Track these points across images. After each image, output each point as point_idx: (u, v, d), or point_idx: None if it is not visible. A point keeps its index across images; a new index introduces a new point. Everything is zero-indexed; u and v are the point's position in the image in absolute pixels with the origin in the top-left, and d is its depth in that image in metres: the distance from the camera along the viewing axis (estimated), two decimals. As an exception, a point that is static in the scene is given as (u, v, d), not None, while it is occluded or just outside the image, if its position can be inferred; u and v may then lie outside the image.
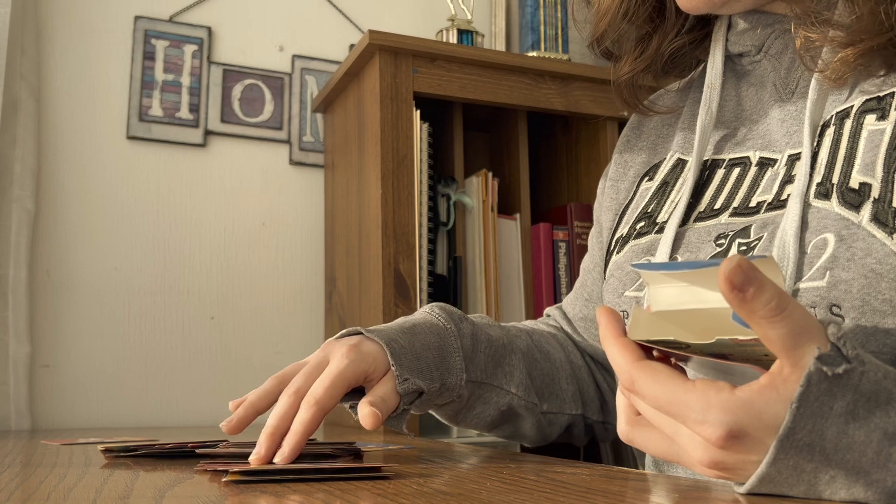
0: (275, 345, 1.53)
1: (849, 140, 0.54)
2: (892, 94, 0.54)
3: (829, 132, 0.56)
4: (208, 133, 1.54)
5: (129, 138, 1.49)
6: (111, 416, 1.41)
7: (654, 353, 0.44)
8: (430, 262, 1.30)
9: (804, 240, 0.52)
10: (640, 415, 0.45)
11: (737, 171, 0.63)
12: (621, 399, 0.47)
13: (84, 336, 1.41)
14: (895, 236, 0.48)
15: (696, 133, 0.67)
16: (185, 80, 1.53)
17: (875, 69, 0.55)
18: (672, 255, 0.62)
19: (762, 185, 0.60)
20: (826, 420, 0.37)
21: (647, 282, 0.45)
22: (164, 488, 0.46)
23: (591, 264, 0.83)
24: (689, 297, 0.42)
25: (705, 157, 0.67)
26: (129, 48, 1.51)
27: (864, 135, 0.54)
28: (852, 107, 0.56)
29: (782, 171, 0.59)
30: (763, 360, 0.40)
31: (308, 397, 0.59)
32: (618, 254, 0.70)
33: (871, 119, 0.54)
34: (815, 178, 0.55)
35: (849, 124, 0.55)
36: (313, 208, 1.60)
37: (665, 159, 0.72)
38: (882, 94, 0.54)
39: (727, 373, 0.44)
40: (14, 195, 1.34)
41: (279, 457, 0.56)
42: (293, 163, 1.60)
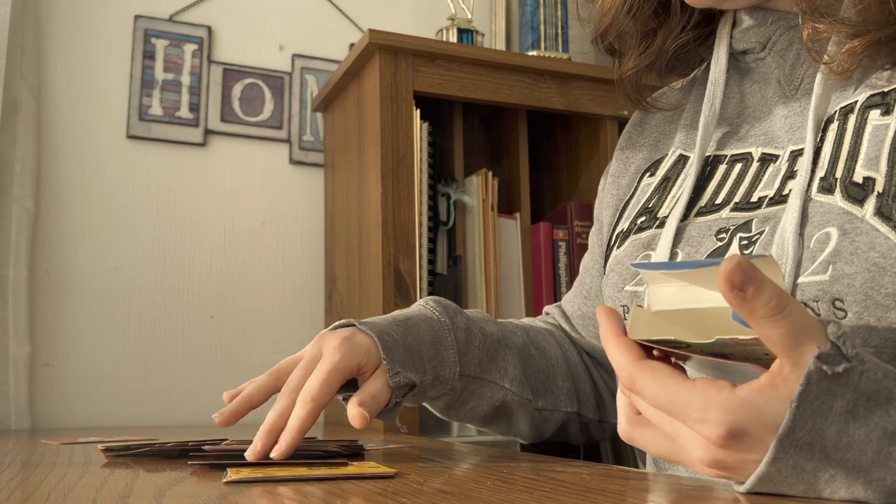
0: (275, 344, 1.53)
1: (853, 135, 0.54)
2: None
3: (833, 127, 0.56)
4: (208, 132, 1.54)
5: (129, 137, 1.49)
6: (111, 415, 1.41)
7: (655, 353, 0.44)
8: (431, 262, 1.30)
9: (807, 234, 0.52)
10: (640, 414, 0.45)
11: (738, 166, 0.63)
12: (622, 398, 0.47)
13: (84, 336, 1.41)
14: None
15: (698, 129, 0.67)
16: (185, 79, 1.53)
17: (881, 62, 0.55)
18: (672, 250, 0.62)
19: (764, 180, 0.60)
20: (826, 419, 0.37)
21: (646, 281, 0.45)
22: (164, 488, 0.46)
23: (590, 262, 0.83)
24: (689, 297, 0.42)
25: (707, 153, 0.67)
26: (129, 47, 1.51)
27: (868, 130, 0.54)
28: (856, 102, 0.56)
29: (784, 167, 0.59)
30: (763, 359, 0.40)
31: (303, 394, 0.59)
32: (618, 248, 0.70)
33: (875, 114, 0.54)
34: (819, 173, 0.55)
35: (853, 119, 0.55)
36: (313, 208, 1.60)
37: (667, 155, 0.72)
38: (887, 90, 0.54)
39: (727, 372, 0.44)
40: (14, 195, 1.34)
41: (275, 452, 0.56)
42: (293, 162, 1.60)
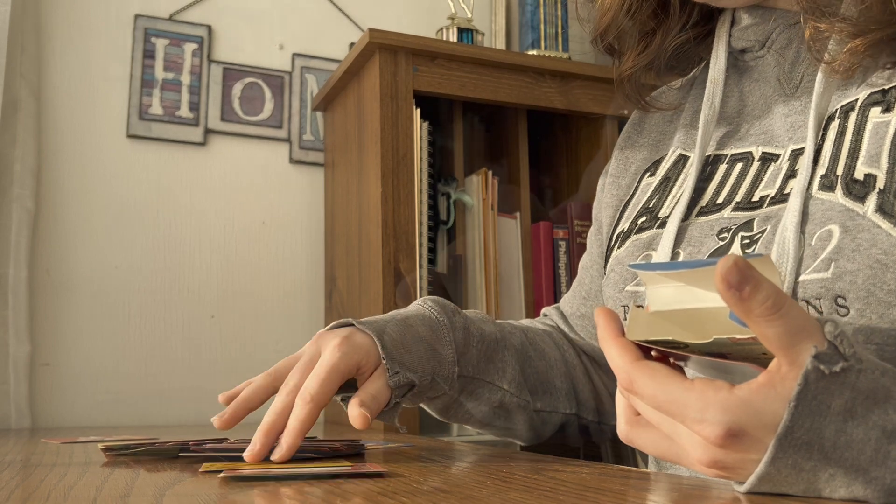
0: (275, 343, 1.53)
1: (853, 133, 0.54)
2: None
3: (834, 125, 0.56)
4: (208, 131, 1.54)
5: (129, 137, 1.49)
6: (111, 414, 1.41)
7: (653, 353, 0.44)
8: (431, 261, 1.30)
9: (808, 231, 0.52)
10: (639, 415, 0.45)
11: (739, 166, 0.63)
12: (620, 399, 0.47)
13: (84, 335, 1.41)
14: None
15: (698, 129, 0.67)
16: (185, 78, 1.53)
17: (883, 60, 0.55)
18: (674, 250, 0.62)
19: (765, 179, 0.60)
20: (824, 419, 0.37)
21: (644, 282, 0.45)
22: (164, 487, 0.46)
23: (589, 262, 0.82)
24: (687, 297, 0.42)
25: (707, 153, 0.67)
26: (129, 47, 1.51)
27: (868, 127, 0.54)
28: (857, 100, 0.56)
29: (785, 166, 0.59)
30: (761, 358, 0.40)
31: (303, 393, 0.59)
32: (619, 249, 0.70)
33: (875, 111, 0.54)
34: (819, 171, 0.55)
35: (853, 117, 0.55)
36: (313, 207, 1.60)
37: (667, 155, 0.71)
38: (887, 87, 0.54)
39: (726, 372, 0.44)
40: (14, 194, 1.34)
41: (277, 454, 0.56)
42: (293, 161, 1.60)
